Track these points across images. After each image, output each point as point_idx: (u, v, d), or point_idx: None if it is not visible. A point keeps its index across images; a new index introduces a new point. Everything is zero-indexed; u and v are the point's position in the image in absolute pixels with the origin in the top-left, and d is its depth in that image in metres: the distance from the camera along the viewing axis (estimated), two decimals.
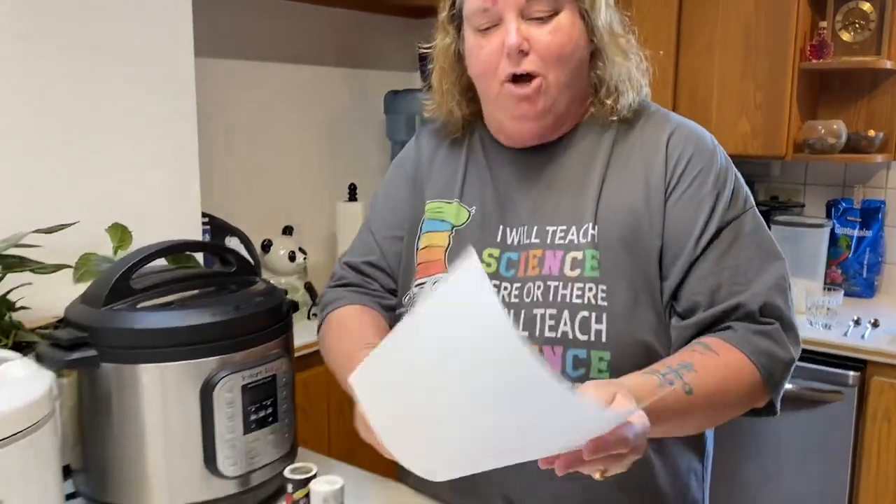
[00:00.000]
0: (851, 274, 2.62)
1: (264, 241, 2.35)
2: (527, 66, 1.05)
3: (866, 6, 2.51)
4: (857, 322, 2.28)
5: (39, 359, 1.03)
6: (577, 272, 1.06)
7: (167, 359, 1.05)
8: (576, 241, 1.08)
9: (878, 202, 2.61)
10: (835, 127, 2.48)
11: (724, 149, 1.13)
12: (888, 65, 2.48)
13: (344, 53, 2.85)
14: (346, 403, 2.24)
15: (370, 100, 2.91)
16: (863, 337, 2.18)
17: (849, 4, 2.53)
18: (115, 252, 1.57)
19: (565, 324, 1.05)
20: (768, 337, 1.02)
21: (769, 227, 2.61)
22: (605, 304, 1.04)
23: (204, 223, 2.03)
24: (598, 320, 1.04)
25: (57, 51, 1.53)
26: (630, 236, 1.07)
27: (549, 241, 1.10)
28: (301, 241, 2.54)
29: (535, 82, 1.05)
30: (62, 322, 1.13)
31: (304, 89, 2.70)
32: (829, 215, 2.66)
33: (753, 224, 1.10)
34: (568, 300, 1.05)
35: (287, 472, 1.06)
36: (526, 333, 1.05)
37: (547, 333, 1.05)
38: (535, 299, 1.07)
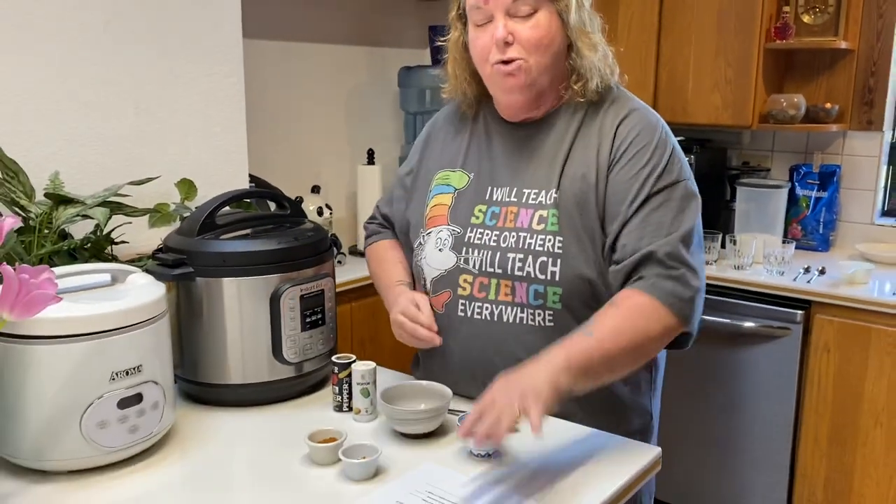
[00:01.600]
0: (810, 230, 2.95)
1: (296, 197, 2.68)
2: (511, 53, 1.33)
3: None
4: (806, 270, 2.63)
5: (150, 274, 1.39)
6: (542, 226, 1.35)
7: (245, 274, 1.41)
8: (544, 202, 1.37)
9: (835, 167, 2.93)
10: (795, 100, 2.81)
11: (696, 119, 1.41)
12: (844, 45, 2.79)
13: (363, 33, 3.10)
14: (367, 339, 2.62)
15: (386, 75, 3.17)
16: (809, 282, 2.53)
17: None
18: (183, 202, 1.91)
19: (529, 265, 1.35)
20: (673, 280, 1.27)
21: (735, 189, 2.97)
22: (560, 251, 1.34)
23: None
24: (554, 264, 1.34)
25: (130, 37, 1.84)
26: (582, 199, 1.34)
27: (524, 200, 1.39)
28: (327, 199, 2.87)
29: (517, 62, 1.33)
30: (161, 249, 1.49)
31: (329, 66, 2.98)
32: (791, 178, 2.99)
33: (684, 193, 1.33)
34: (532, 248, 1.35)
35: (334, 359, 1.43)
36: (501, 270, 1.37)
37: (516, 272, 1.36)
38: (509, 245, 1.37)
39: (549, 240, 1.35)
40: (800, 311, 2.50)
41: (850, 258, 2.80)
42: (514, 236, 1.38)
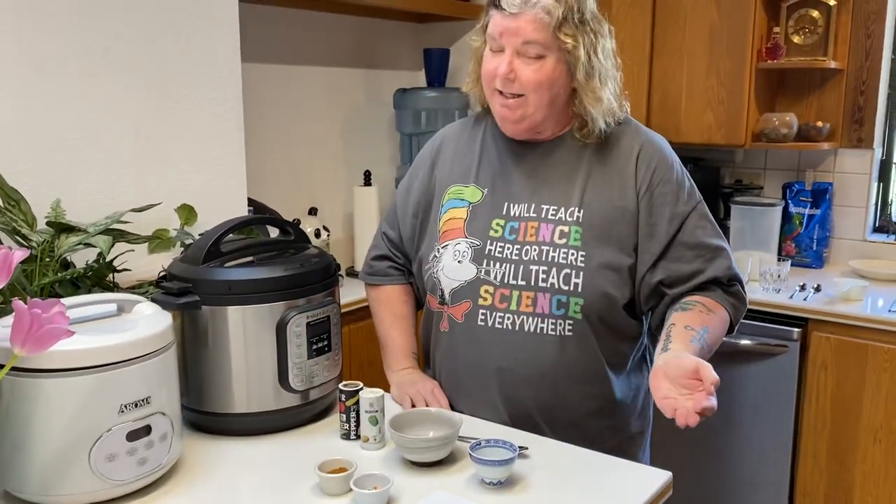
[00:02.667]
0: (803, 247, 2.98)
1: (294, 220, 2.69)
2: (513, 89, 1.42)
3: (815, 13, 2.86)
4: (802, 287, 2.65)
5: (156, 302, 1.39)
6: (564, 241, 1.43)
7: (251, 302, 1.41)
8: (564, 219, 1.45)
9: (827, 184, 2.96)
10: (787, 119, 2.84)
11: (689, 139, 1.50)
12: (833, 65, 2.83)
13: (359, 56, 3.13)
14: (365, 362, 2.61)
15: (382, 97, 3.20)
16: (805, 299, 2.55)
17: (799, 11, 2.88)
18: (182, 227, 1.91)
19: (553, 277, 1.42)
20: (736, 297, 1.47)
21: (730, 208, 2.99)
22: (583, 265, 1.42)
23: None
24: (577, 276, 1.42)
25: (130, 63, 1.85)
26: (608, 220, 1.44)
27: (543, 216, 1.46)
28: (324, 220, 2.87)
29: (518, 100, 1.42)
30: (165, 277, 1.49)
31: (325, 89, 3.00)
32: (784, 196, 3.01)
33: (705, 211, 1.49)
34: (556, 261, 1.43)
35: (341, 386, 1.43)
36: (524, 282, 1.43)
37: (540, 283, 1.43)
38: (532, 258, 1.44)
39: (573, 254, 1.43)
40: (796, 329, 2.52)
41: (844, 275, 2.83)
42: (535, 250, 1.44)
